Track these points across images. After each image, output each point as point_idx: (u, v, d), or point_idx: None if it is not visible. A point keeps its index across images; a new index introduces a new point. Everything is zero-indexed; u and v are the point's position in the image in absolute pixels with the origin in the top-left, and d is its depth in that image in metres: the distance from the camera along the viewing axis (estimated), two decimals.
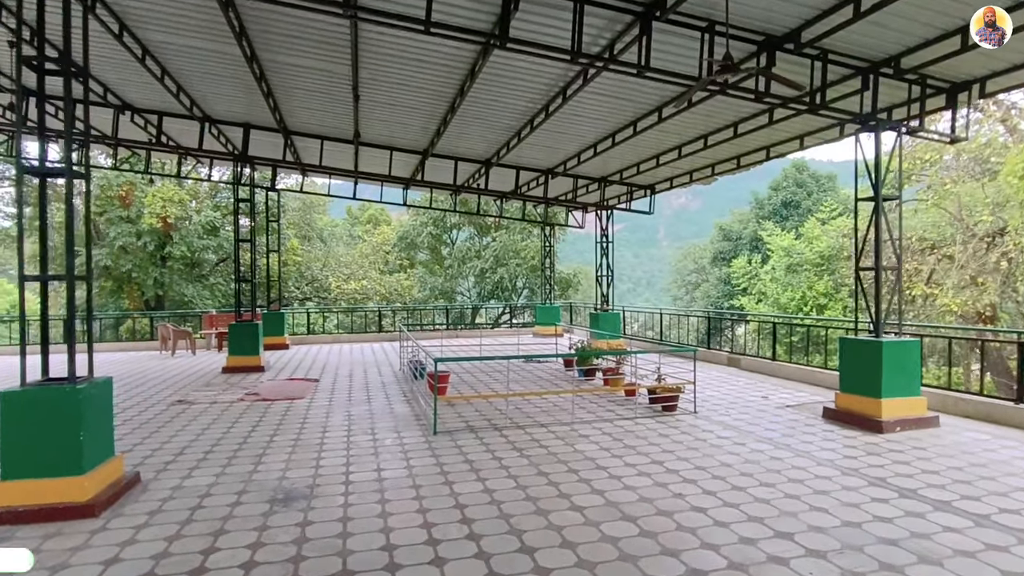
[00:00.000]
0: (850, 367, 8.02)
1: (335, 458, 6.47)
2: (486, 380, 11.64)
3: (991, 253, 16.50)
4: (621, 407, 9.07)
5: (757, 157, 12.47)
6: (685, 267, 40.60)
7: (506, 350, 16.26)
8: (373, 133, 13.11)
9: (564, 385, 10.99)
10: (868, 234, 8.29)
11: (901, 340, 7.75)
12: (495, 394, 9.90)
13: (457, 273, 28.15)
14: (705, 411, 8.76)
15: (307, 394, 10.36)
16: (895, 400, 7.54)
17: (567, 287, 28.62)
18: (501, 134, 12.44)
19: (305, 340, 19.96)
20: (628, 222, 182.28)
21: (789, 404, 9.21)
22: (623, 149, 12.75)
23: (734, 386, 10.85)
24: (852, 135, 10.25)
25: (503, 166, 15.08)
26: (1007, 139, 17.48)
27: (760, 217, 29.82)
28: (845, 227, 20.70)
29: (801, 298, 21.25)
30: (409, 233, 29.72)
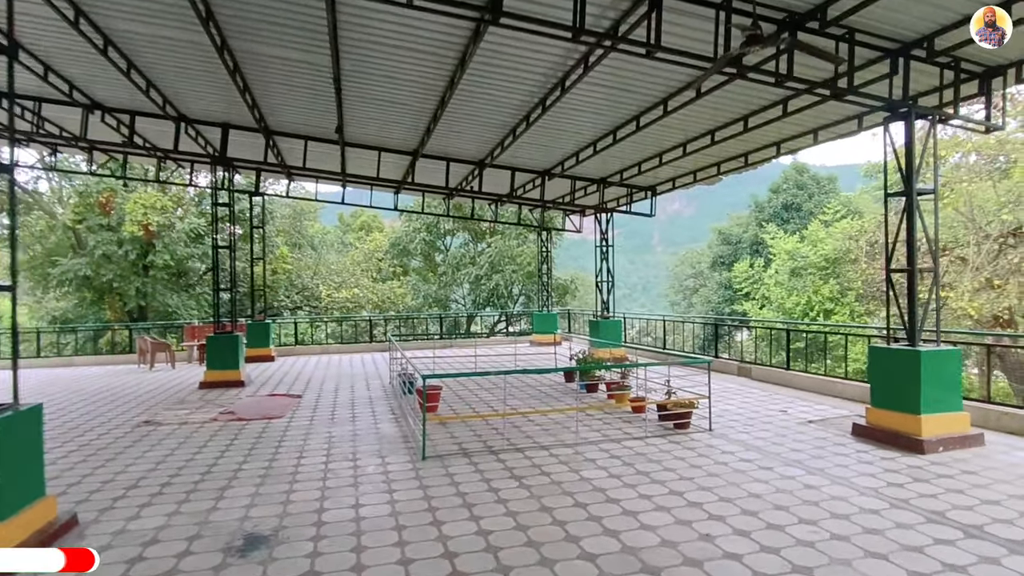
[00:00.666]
0: (883, 379, 7.27)
1: (308, 491, 5.67)
2: (482, 394, 10.85)
3: (1007, 254, 15.83)
4: (629, 424, 8.29)
5: (767, 154, 11.76)
6: (683, 272, 39.96)
7: (502, 361, 15.48)
8: (359, 132, 12.36)
9: (565, 400, 10.21)
10: (899, 233, 7.54)
11: (940, 349, 7.00)
12: (492, 413, 9.13)
13: (451, 280, 27.34)
14: (721, 428, 7.99)
15: (287, 412, 9.54)
16: (936, 416, 6.79)
17: (564, 293, 27.86)
18: (495, 132, 11.71)
19: (293, 351, 19.12)
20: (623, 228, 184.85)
21: (811, 419, 8.44)
22: (624, 147, 12.03)
23: (748, 398, 10.09)
24: (872, 127, 9.65)
25: (497, 167, 14.35)
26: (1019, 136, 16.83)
27: (760, 220, 29.18)
28: (851, 229, 20.06)
29: (807, 303, 20.56)
30: (401, 239, 28.91)
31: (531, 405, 9.75)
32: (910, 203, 7.21)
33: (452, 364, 15.22)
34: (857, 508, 5.04)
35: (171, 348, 16.31)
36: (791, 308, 20.83)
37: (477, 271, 25.95)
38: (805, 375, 10.98)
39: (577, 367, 10.28)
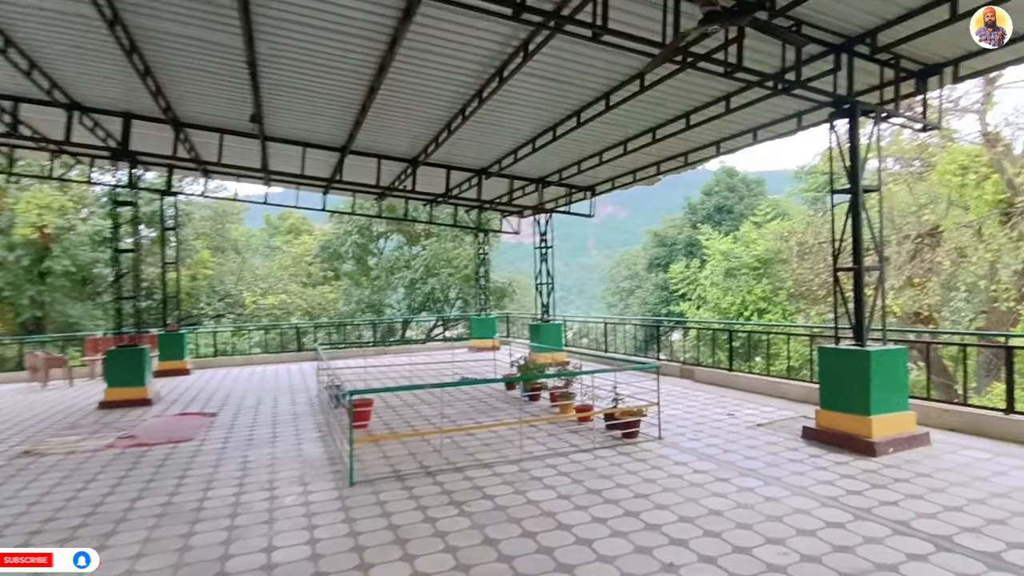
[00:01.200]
0: (833, 381, 7.10)
1: (212, 532, 4.85)
2: (419, 407, 10.14)
3: (926, 254, 16.51)
4: (575, 435, 7.82)
5: (706, 153, 11.63)
6: (619, 274, 40.31)
7: (440, 368, 14.78)
8: (281, 125, 11.40)
9: (507, 409, 9.66)
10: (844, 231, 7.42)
11: (888, 348, 6.89)
12: (430, 429, 8.46)
13: (385, 284, 26.29)
14: (671, 436, 7.64)
15: (198, 434, 8.53)
16: (885, 417, 6.66)
17: (503, 297, 27.35)
18: (429, 127, 11.04)
19: (212, 363, 17.68)
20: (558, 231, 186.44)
21: (759, 423, 8.24)
22: (564, 144, 11.64)
23: (694, 402, 9.85)
24: (811, 127, 9.61)
25: (432, 165, 13.65)
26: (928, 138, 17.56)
27: (694, 222, 29.70)
28: (782, 230, 20.57)
29: (741, 303, 20.92)
30: (332, 242, 27.59)
31: (471, 417, 9.14)
32: (856, 200, 7.08)
33: (386, 373, 14.41)
34: (822, 522, 4.71)
35: (67, 363, 14.67)
36: (727, 308, 21.15)
37: (412, 275, 25.05)
38: (749, 376, 10.88)
39: (520, 377, 9.76)
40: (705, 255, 24.27)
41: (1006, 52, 7.03)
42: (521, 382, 10.32)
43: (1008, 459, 6.20)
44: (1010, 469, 5.89)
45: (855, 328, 7.22)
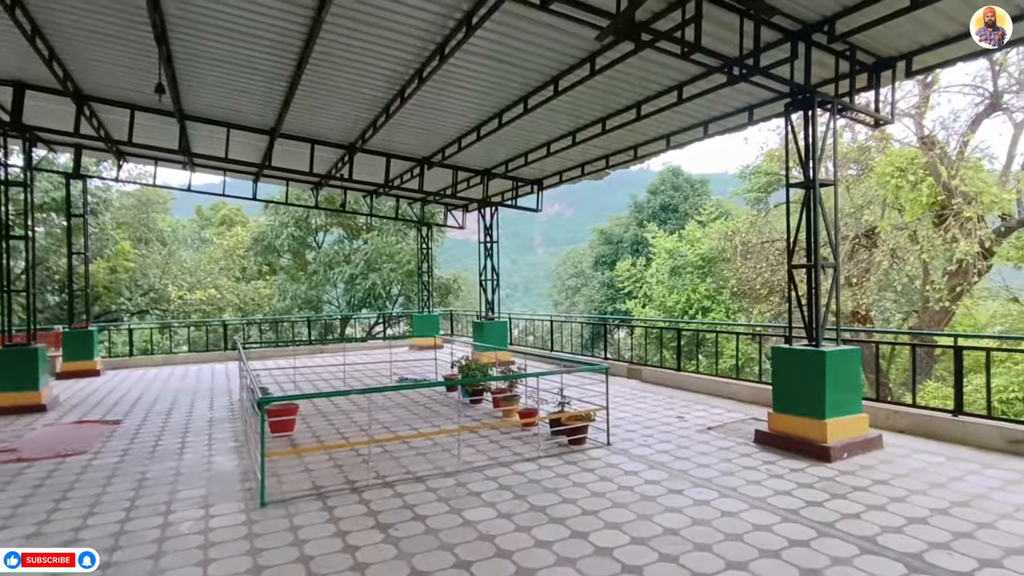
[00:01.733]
0: (786, 382, 6.81)
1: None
2: (351, 411, 9.37)
3: (862, 254, 16.84)
4: (519, 442, 7.27)
5: (657, 147, 11.29)
6: (565, 272, 40.17)
7: (378, 369, 13.98)
8: (201, 102, 10.38)
9: (446, 413, 9.02)
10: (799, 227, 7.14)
11: (842, 349, 6.64)
12: (361, 439, 7.75)
13: (323, 280, 25.06)
14: (620, 441, 7.19)
15: (93, 445, 7.52)
16: (840, 420, 6.41)
17: (447, 293, 26.60)
18: (365, 109, 10.26)
19: (129, 363, 16.25)
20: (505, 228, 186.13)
21: (710, 426, 7.90)
22: (511, 133, 11.09)
23: (642, 404, 9.47)
24: (763, 120, 9.38)
25: (370, 152, 12.84)
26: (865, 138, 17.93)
27: (640, 220, 29.75)
28: (726, 229, 20.68)
29: (686, 301, 20.95)
30: (266, 235, 26.09)
31: (408, 423, 8.46)
32: (813, 195, 6.80)
33: (319, 374, 13.51)
34: (784, 540, 4.32)
35: None
36: (672, 306, 21.14)
37: (352, 270, 23.94)
38: (697, 376, 10.61)
39: (461, 380, 9.14)
40: (651, 253, 24.26)
41: (957, 47, 6.90)
42: (462, 384, 9.70)
43: (961, 463, 6.03)
44: (965, 474, 5.69)
45: (808, 327, 6.96)
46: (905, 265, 15.35)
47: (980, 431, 6.60)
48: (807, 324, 6.97)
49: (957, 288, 14.01)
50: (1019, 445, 6.28)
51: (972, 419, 6.76)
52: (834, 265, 6.94)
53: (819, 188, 6.78)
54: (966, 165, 13.68)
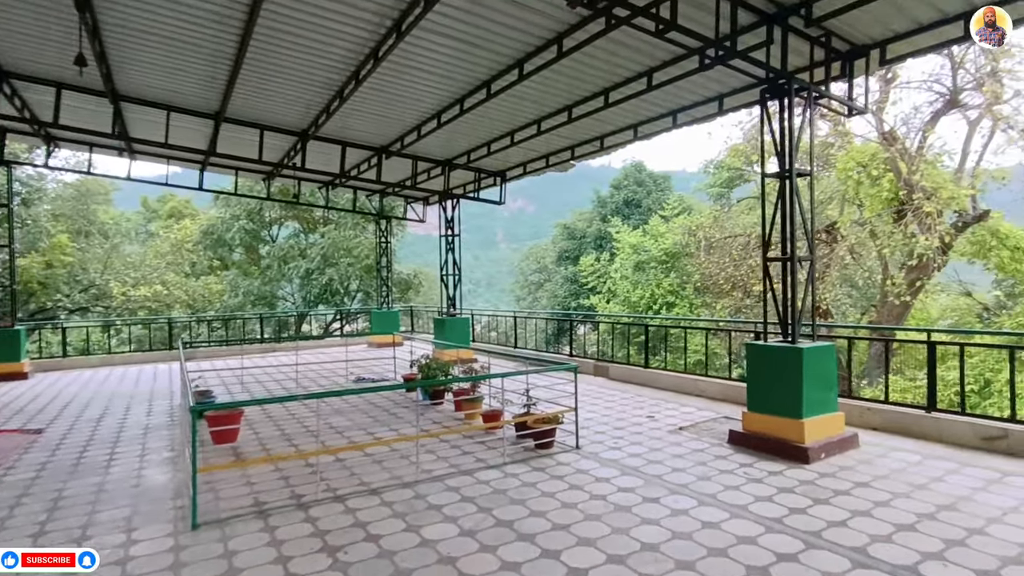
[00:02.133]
0: (761, 380, 6.55)
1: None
2: (303, 415, 8.76)
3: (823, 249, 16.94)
4: (482, 446, 6.82)
5: (623, 137, 10.97)
6: (528, 267, 39.84)
7: (333, 368, 13.31)
8: (136, 81, 9.55)
9: (406, 416, 8.51)
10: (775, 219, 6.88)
11: (818, 345, 6.41)
12: (315, 447, 7.18)
13: (278, 275, 24.06)
14: (589, 444, 6.82)
15: (6, 459, 6.74)
16: (816, 419, 6.17)
17: (407, 289, 25.90)
18: (317, 92, 9.60)
19: (60, 365, 15.13)
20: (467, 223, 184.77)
21: (681, 425, 7.61)
22: (473, 121, 10.61)
23: (611, 402, 9.14)
24: (733, 110, 9.13)
25: (324, 140, 12.16)
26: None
27: (604, 215, 29.61)
28: (690, 224, 20.64)
29: (651, 296, 20.85)
30: (216, 228, 24.87)
31: (363, 426, 7.91)
32: (789, 185, 6.54)
33: (271, 375, 12.79)
34: (772, 554, 3.99)
35: None
36: (636, 301, 21.00)
37: (308, 264, 23.02)
38: (666, 373, 10.34)
39: (421, 382, 8.65)
40: (615, 248, 24.10)
41: (930, 36, 6.75)
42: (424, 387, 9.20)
43: (939, 462, 5.85)
44: (945, 474, 5.51)
45: (783, 323, 6.71)
46: (866, 260, 15.48)
47: (954, 428, 6.47)
48: (782, 319, 6.72)
49: (917, 283, 14.19)
50: (993, 442, 6.15)
51: (945, 416, 6.63)
52: (810, 259, 6.70)
53: (795, 178, 6.51)
54: (925, 161, 13.84)
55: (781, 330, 6.74)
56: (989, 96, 13.58)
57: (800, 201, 6.65)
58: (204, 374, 11.26)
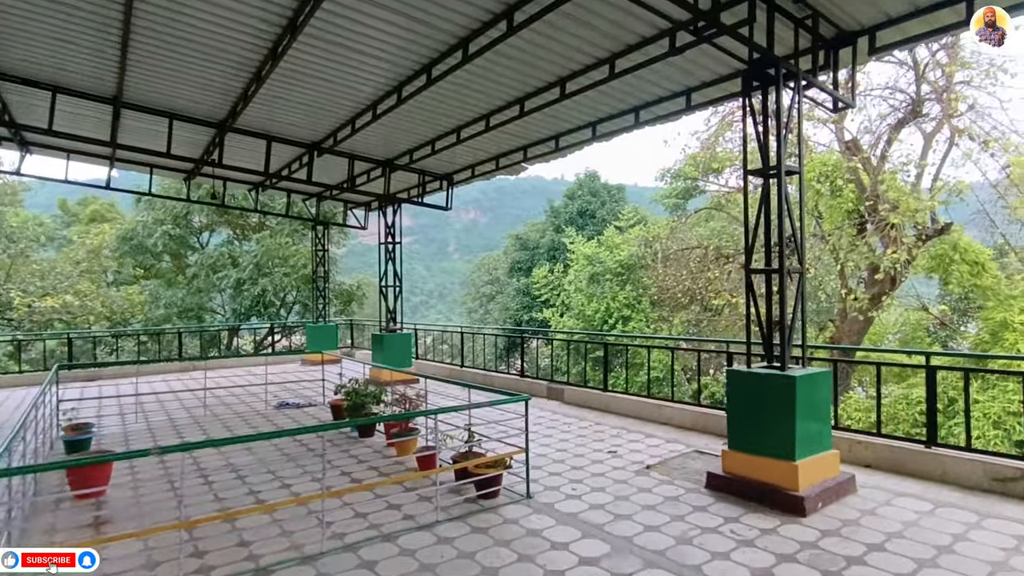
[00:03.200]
0: (745, 414, 5.57)
1: None
2: (200, 455, 7.29)
3: None
4: (412, 496, 5.59)
5: (581, 136, 9.99)
6: (480, 279, 38.67)
7: (254, 393, 11.74)
8: (14, 56, 8.04)
9: (328, 453, 7.17)
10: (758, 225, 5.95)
11: (812, 372, 5.47)
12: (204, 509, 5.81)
13: (206, 285, 22.06)
14: (543, 490, 5.69)
15: None
16: (811, 461, 5.23)
17: (349, 301, 24.28)
18: (232, 72, 8.25)
19: None
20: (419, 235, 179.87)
21: (649, 463, 6.57)
22: (414, 115, 9.46)
23: (567, 433, 8.04)
24: (702, 107, 8.27)
25: (247, 133, 10.76)
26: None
27: (557, 226, 28.76)
28: (646, 235, 19.94)
29: (606, 309, 19.99)
30: (136, 233, 22.68)
31: (273, 468, 6.56)
32: (778, 184, 5.62)
33: (182, 400, 11.17)
34: None
35: None
36: (591, 315, 20.11)
37: (239, 274, 21.18)
38: (626, 398, 9.31)
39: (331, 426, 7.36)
40: (569, 260, 23.24)
41: (920, 23, 6.04)
42: (349, 415, 7.88)
43: (952, 511, 4.97)
44: (966, 529, 4.61)
45: (767, 345, 5.78)
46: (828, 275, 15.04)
47: (960, 467, 5.63)
48: (766, 341, 5.79)
49: (883, 297, 13.74)
50: (1007, 484, 5.33)
51: (948, 452, 5.79)
52: (800, 271, 5.79)
53: (784, 176, 5.60)
54: (889, 172, 13.46)
55: (765, 354, 5.79)
56: (948, 107, 13.33)
57: (789, 204, 5.74)
58: (102, 400, 9.73)
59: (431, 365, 14.26)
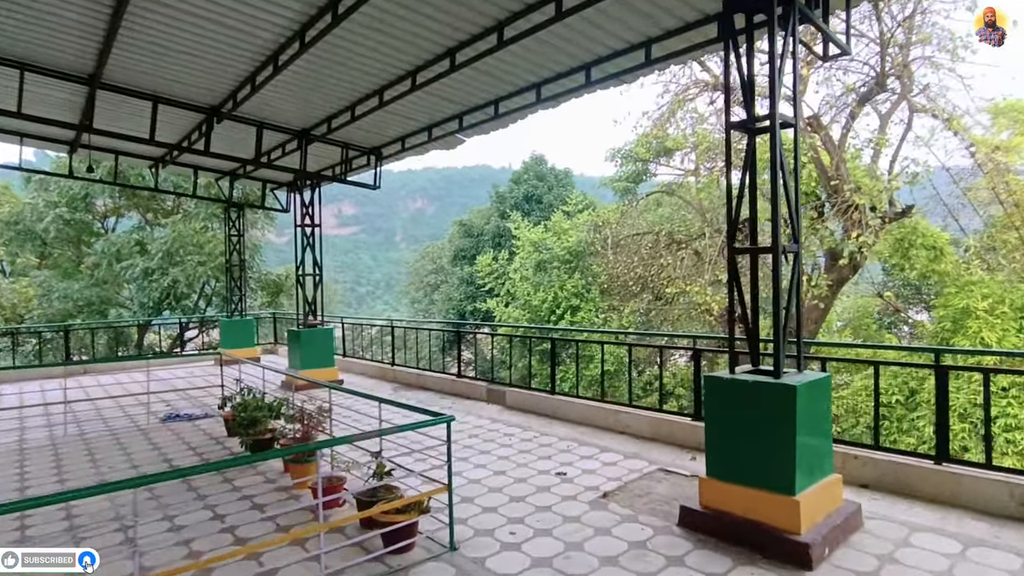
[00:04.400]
0: (729, 432, 4.38)
1: None
2: (48, 479, 5.64)
3: None
4: (299, 551, 4.16)
5: (524, 100, 8.62)
6: (424, 268, 37.02)
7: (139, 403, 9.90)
8: None
9: (204, 488, 5.64)
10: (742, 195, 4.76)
11: (812, 377, 4.32)
12: None
13: (108, 276, 19.62)
14: (472, 537, 4.38)
15: None
16: (813, 491, 4.10)
17: (278, 292, 22.29)
18: (86, 11, 6.52)
19: None
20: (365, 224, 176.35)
21: (607, 489, 5.34)
22: (325, 69, 7.92)
23: (507, 448, 6.75)
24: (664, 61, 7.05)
25: (125, 92, 8.93)
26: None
27: (502, 211, 27.39)
28: (595, 219, 18.84)
29: (553, 299, 18.83)
30: (23, 217, 19.96)
31: (124, 523, 4.99)
32: (772, 140, 4.44)
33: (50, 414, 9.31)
34: None
35: None
36: (538, 305, 18.91)
37: (147, 263, 18.89)
38: (577, 402, 8.07)
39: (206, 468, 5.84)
40: (515, 247, 21.97)
41: None
42: (236, 428, 6.35)
43: (991, 553, 3.93)
44: None
45: (752, 343, 4.61)
46: None
47: (979, 488, 4.63)
48: (751, 338, 4.62)
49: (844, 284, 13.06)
50: None
51: (964, 470, 4.78)
52: (795, 250, 4.63)
53: (779, 127, 4.41)
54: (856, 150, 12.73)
55: (751, 354, 4.63)
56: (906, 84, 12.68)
57: (785, 166, 4.56)
58: None
59: (358, 364, 12.71)
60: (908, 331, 17.61)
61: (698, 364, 6.86)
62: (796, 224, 4.56)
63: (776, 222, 4.30)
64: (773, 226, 4.31)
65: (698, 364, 6.86)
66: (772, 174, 4.50)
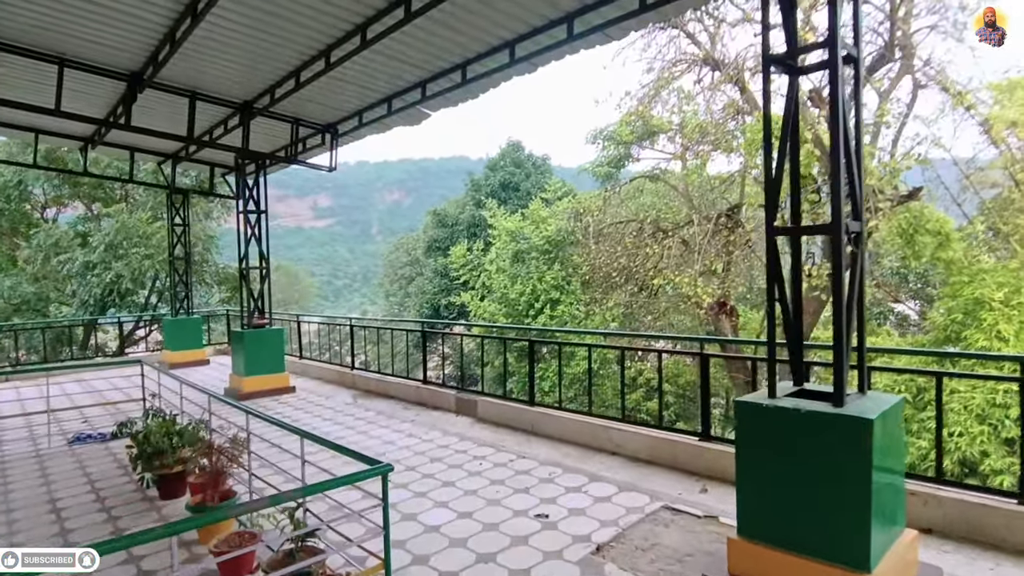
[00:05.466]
0: (770, 478, 3.24)
1: None
2: None
3: (725, 235, 14.65)
4: None
5: (496, 62, 7.38)
6: (398, 260, 35.64)
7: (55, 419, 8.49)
8: None
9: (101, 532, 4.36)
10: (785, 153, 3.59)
11: (884, 405, 3.18)
12: None
13: (42, 272, 17.92)
14: None
15: None
16: (888, 561, 2.98)
17: (235, 288, 20.76)
18: None
19: None
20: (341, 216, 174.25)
21: (599, 539, 4.18)
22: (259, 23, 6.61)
23: (476, 477, 5.55)
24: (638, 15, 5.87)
25: (14, 51, 7.50)
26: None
27: (478, 200, 26.06)
28: (576, 207, 17.67)
29: (532, 292, 17.66)
30: None
31: None
32: (832, 81, 3.26)
33: None
34: None
35: None
36: (515, 299, 17.71)
37: (87, 256, 17.25)
38: (561, 416, 6.86)
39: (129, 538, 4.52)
40: (490, 236, 20.73)
41: None
42: (142, 464, 5.05)
43: None
44: None
45: (794, 360, 3.46)
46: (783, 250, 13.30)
47: None
48: (795, 353, 3.46)
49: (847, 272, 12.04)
50: None
51: None
52: (858, 231, 3.47)
53: (840, 63, 3.23)
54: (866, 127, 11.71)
55: (793, 369, 3.48)
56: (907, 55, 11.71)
57: (846, 118, 3.39)
58: None
59: (315, 367, 11.38)
60: (915, 325, 16.61)
61: (705, 371, 5.74)
62: (858, 195, 3.41)
63: (837, 190, 3.14)
64: (833, 196, 3.15)
65: (705, 371, 5.74)
66: (831, 126, 3.33)
